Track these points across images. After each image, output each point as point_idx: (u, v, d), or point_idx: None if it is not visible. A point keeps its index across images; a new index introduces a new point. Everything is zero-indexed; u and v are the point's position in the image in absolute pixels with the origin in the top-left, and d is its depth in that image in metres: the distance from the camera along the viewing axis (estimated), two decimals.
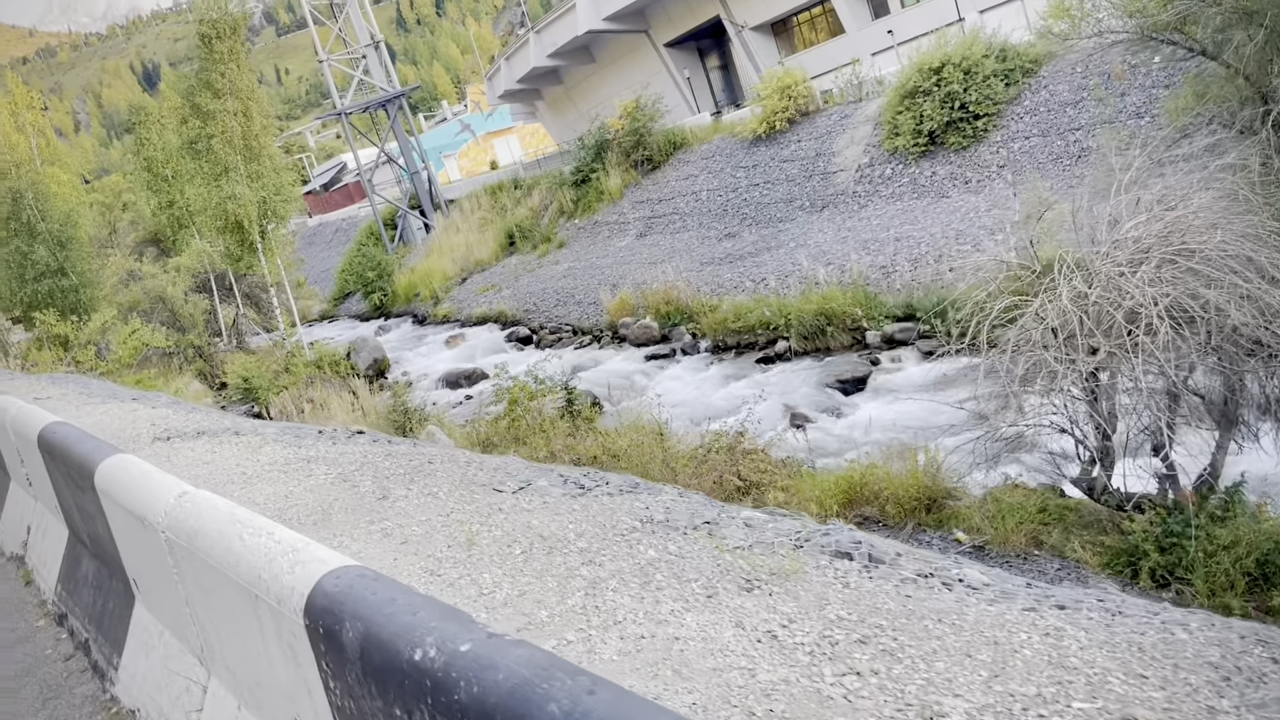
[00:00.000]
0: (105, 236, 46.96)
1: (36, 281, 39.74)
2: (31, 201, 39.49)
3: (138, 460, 3.70)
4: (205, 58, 27.15)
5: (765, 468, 11.22)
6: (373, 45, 43.69)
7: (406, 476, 6.13)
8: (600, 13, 41.25)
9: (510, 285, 32.31)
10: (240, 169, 27.60)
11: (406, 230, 45.19)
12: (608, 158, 33.98)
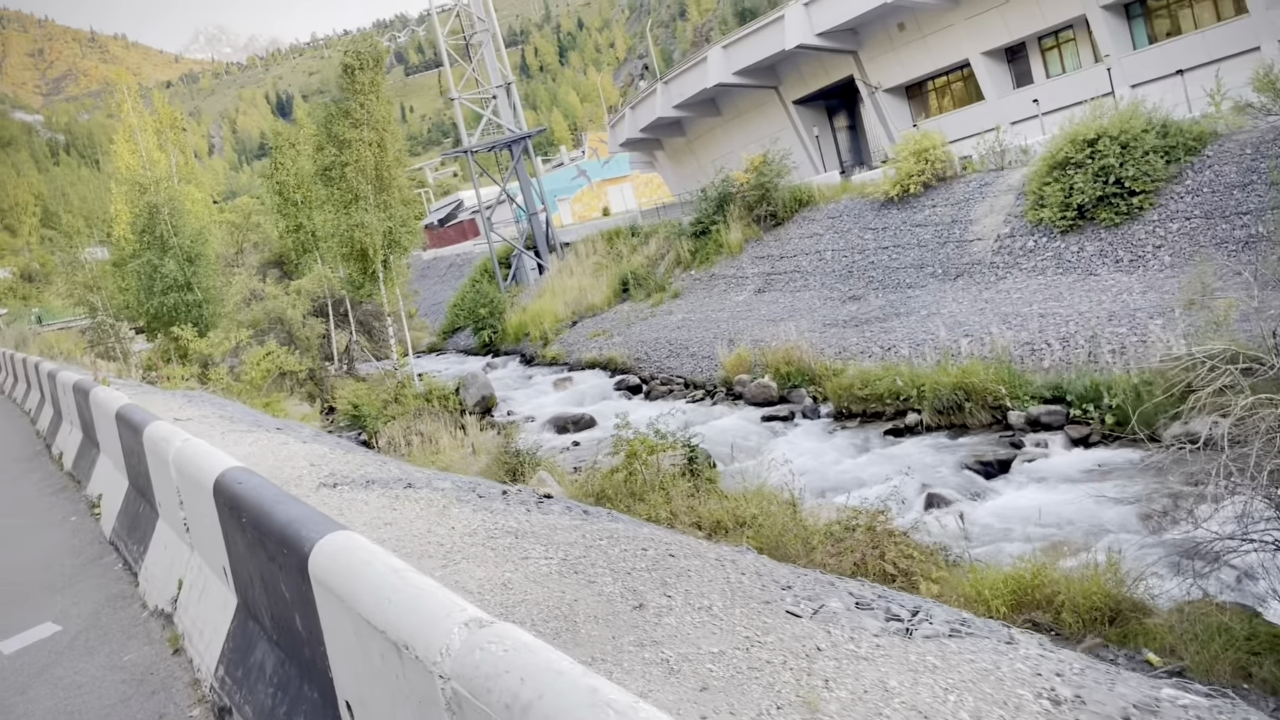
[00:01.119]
0: (232, 255, 48.50)
1: (163, 294, 40.98)
2: (166, 216, 40.90)
3: (381, 552, 2.64)
4: (346, 87, 27.69)
5: (911, 553, 10.31)
6: (504, 86, 44.37)
7: (653, 574, 5.25)
8: (731, 66, 41.18)
9: (622, 332, 31.94)
10: (370, 198, 27.94)
11: (520, 270, 45.47)
12: (729, 210, 33.56)
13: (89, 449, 8.76)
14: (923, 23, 35.81)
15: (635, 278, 35.73)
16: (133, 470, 6.41)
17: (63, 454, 10.03)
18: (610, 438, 20.63)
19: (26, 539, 7.50)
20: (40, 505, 8.54)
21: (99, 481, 7.93)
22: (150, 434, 5.52)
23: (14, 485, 9.63)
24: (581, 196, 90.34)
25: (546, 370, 32.94)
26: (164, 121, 56.46)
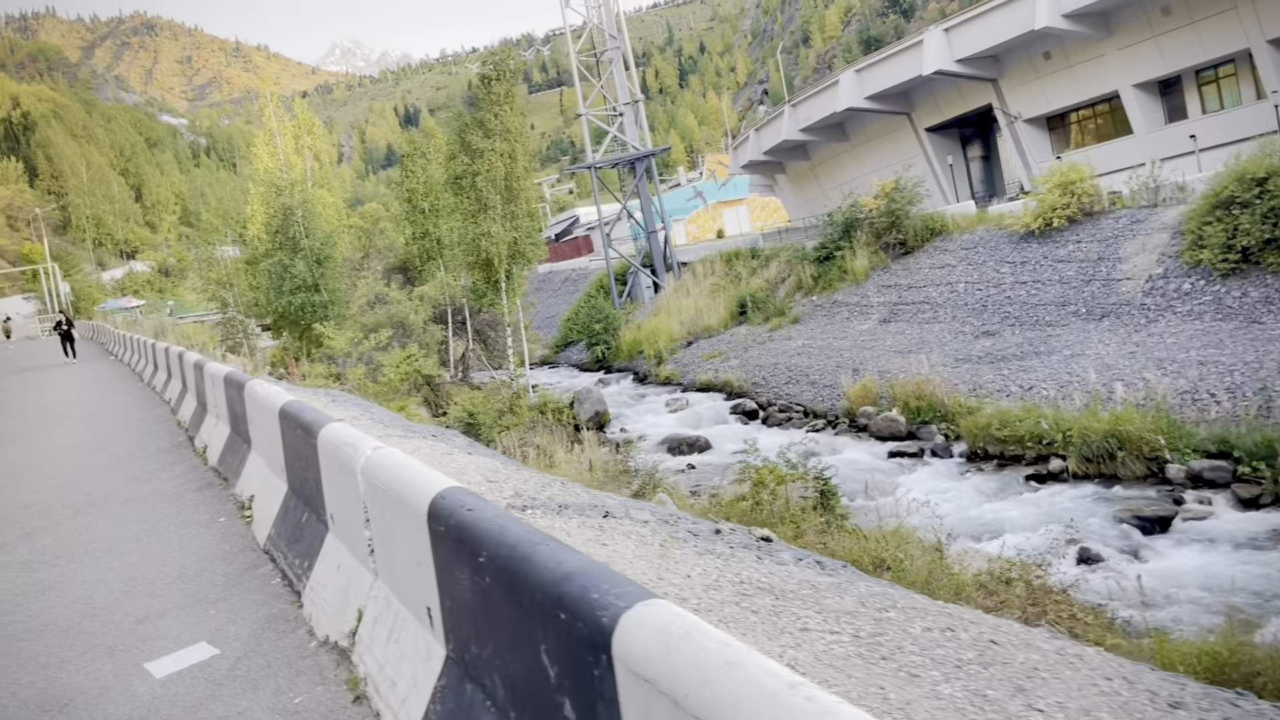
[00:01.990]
0: (358, 260, 49.69)
1: (292, 294, 42.14)
2: (300, 219, 42.11)
3: (716, 635, 1.86)
4: (483, 97, 27.94)
5: (1074, 614, 9.44)
6: (631, 104, 44.39)
7: (990, 671, 4.23)
8: (864, 91, 40.33)
9: (739, 355, 31.31)
10: (498, 208, 28.07)
11: (636, 287, 45.31)
12: (856, 237, 32.66)
13: (238, 445, 8.44)
14: (1070, 52, 34.37)
15: (754, 300, 35.08)
16: (296, 474, 5.94)
17: (207, 448, 9.79)
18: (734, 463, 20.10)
19: (173, 538, 7.03)
20: (186, 502, 8.13)
21: (250, 481, 7.56)
22: (329, 438, 4.92)
23: (157, 478, 9.28)
24: (696, 218, 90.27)
25: (660, 390, 32.54)
26: (302, 127, 58.50)
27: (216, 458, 9.14)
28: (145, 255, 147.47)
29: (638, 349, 37.73)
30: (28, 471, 10.62)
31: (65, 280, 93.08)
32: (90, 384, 22.21)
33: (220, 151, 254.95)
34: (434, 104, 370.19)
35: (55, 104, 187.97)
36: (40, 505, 8.69)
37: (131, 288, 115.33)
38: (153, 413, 14.01)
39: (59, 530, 7.67)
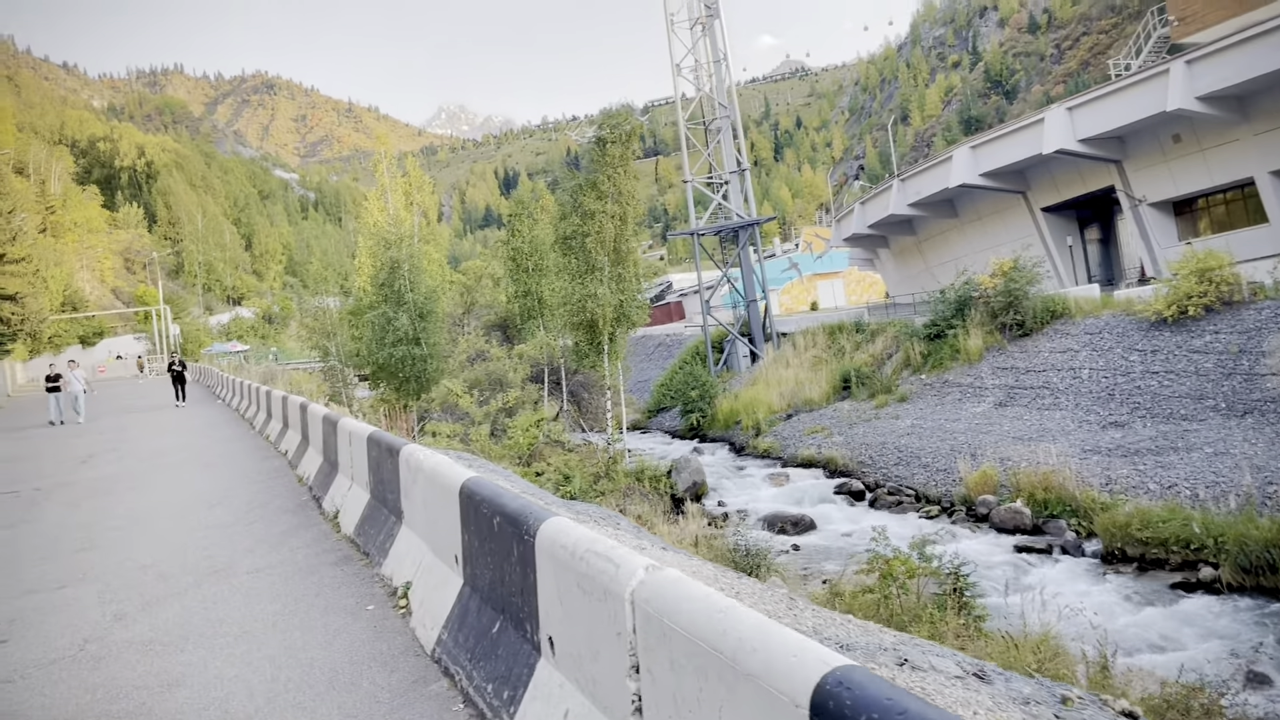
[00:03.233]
0: (458, 316, 50.24)
1: (393, 346, 42.53)
2: (406, 273, 42.65)
3: None
4: (597, 159, 27.93)
5: None
6: (738, 172, 44.21)
7: None
8: (978, 168, 39.40)
9: (843, 432, 30.27)
10: (605, 269, 27.86)
11: (733, 356, 44.65)
12: (969, 315, 31.56)
13: (381, 516, 7.59)
14: (1202, 135, 33.01)
15: (858, 376, 34.07)
16: (482, 570, 4.96)
17: (339, 513, 9.02)
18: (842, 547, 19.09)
19: (317, 628, 6.13)
20: (324, 579, 7.29)
21: (401, 563, 6.62)
22: (560, 540, 3.90)
23: (285, 543, 8.59)
24: (790, 289, 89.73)
25: (758, 462, 31.61)
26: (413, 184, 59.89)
27: (353, 527, 8.42)
28: (251, 302, 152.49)
29: (735, 419, 36.92)
30: (144, 525, 10.17)
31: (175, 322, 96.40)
32: (201, 429, 22.24)
33: (327, 206, 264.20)
34: (533, 168, 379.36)
35: (177, 155, 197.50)
36: (160, 567, 8.12)
37: (237, 333, 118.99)
38: (269, 464, 13.60)
39: (182, 601, 7.03)
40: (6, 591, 7.52)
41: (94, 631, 6.43)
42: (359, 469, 8.61)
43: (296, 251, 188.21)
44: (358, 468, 8.67)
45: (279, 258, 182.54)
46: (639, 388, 50.61)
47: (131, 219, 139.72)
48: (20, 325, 43.40)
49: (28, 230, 55.58)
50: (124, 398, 42.41)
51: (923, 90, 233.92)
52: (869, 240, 56.27)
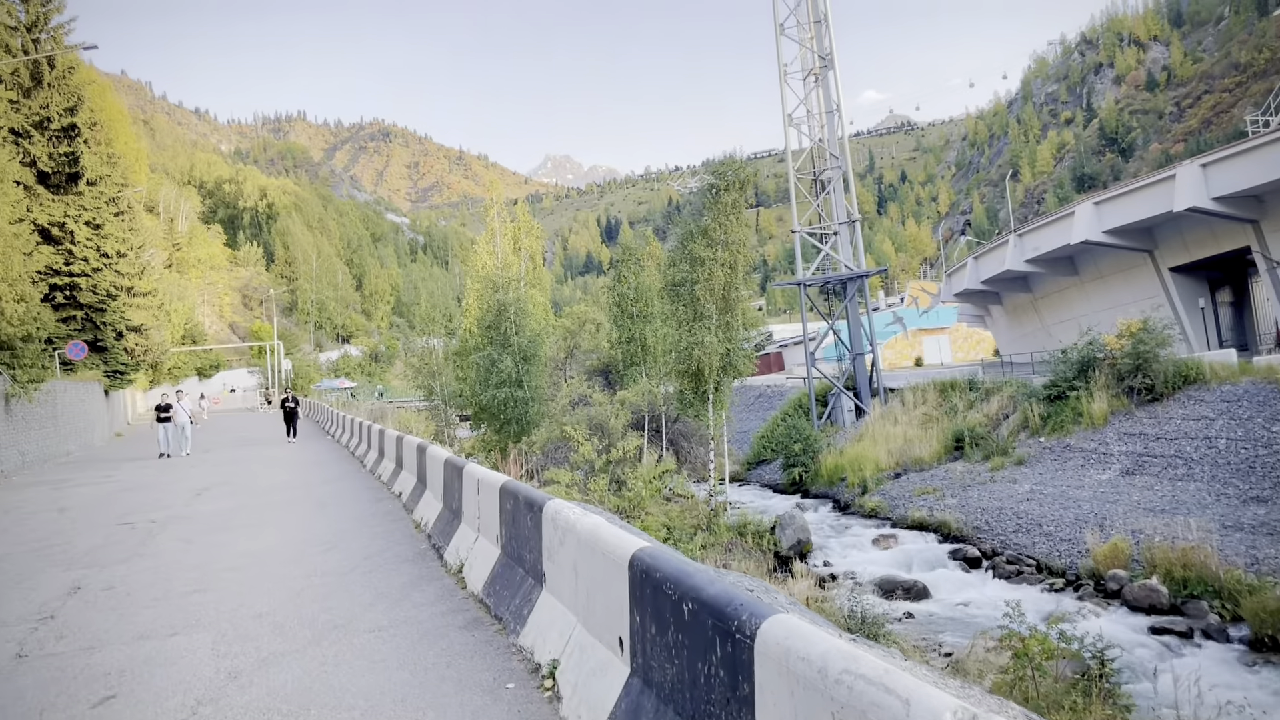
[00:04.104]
0: (561, 360, 50.42)
1: (497, 388, 42.83)
2: (512, 315, 43.04)
3: None
4: (709, 206, 27.68)
5: None
6: (848, 223, 43.53)
7: None
8: (1102, 225, 37.92)
9: (956, 494, 29.02)
10: (713, 317, 27.47)
11: (837, 410, 43.60)
12: (1093, 377, 30.09)
13: (516, 577, 6.92)
14: None
15: (972, 436, 32.75)
16: (666, 669, 4.17)
17: (464, 568, 8.38)
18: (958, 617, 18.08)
19: (452, 708, 5.48)
20: (453, 645, 6.56)
21: (545, 636, 5.86)
22: (818, 662, 2.93)
23: (407, 599, 7.96)
24: (894, 344, 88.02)
25: (864, 522, 30.51)
26: (521, 229, 60.92)
27: (481, 585, 7.78)
28: (359, 340, 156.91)
29: (839, 475, 35.86)
30: (258, 568, 9.87)
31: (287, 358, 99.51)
32: (312, 465, 22.41)
33: (435, 250, 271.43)
34: (634, 217, 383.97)
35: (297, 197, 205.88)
36: (275, 617, 7.71)
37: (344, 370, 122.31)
38: (382, 506, 13.40)
39: (301, 661, 6.49)
40: (119, 635, 7.24)
41: (207, 692, 6.07)
42: (488, 521, 8.06)
43: (404, 293, 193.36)
44: (486, 520, 8.12)
45: (387, 298, 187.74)
46: (738, 439, 49.85)
47: (251, 257, 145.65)
48: (143, 356, 45.10)
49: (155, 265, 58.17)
50: (236, 430, 43.59)
51: (1034, 146, 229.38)
52: (981, 296, 54.73)
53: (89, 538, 12.28)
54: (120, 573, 9.64)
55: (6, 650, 6.82)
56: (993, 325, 60.47)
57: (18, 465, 24.93)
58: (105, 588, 8.93)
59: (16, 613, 8.09)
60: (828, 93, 45.53)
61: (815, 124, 46.30)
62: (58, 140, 35.73)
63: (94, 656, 6.54)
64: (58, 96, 35.62)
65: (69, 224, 35.49)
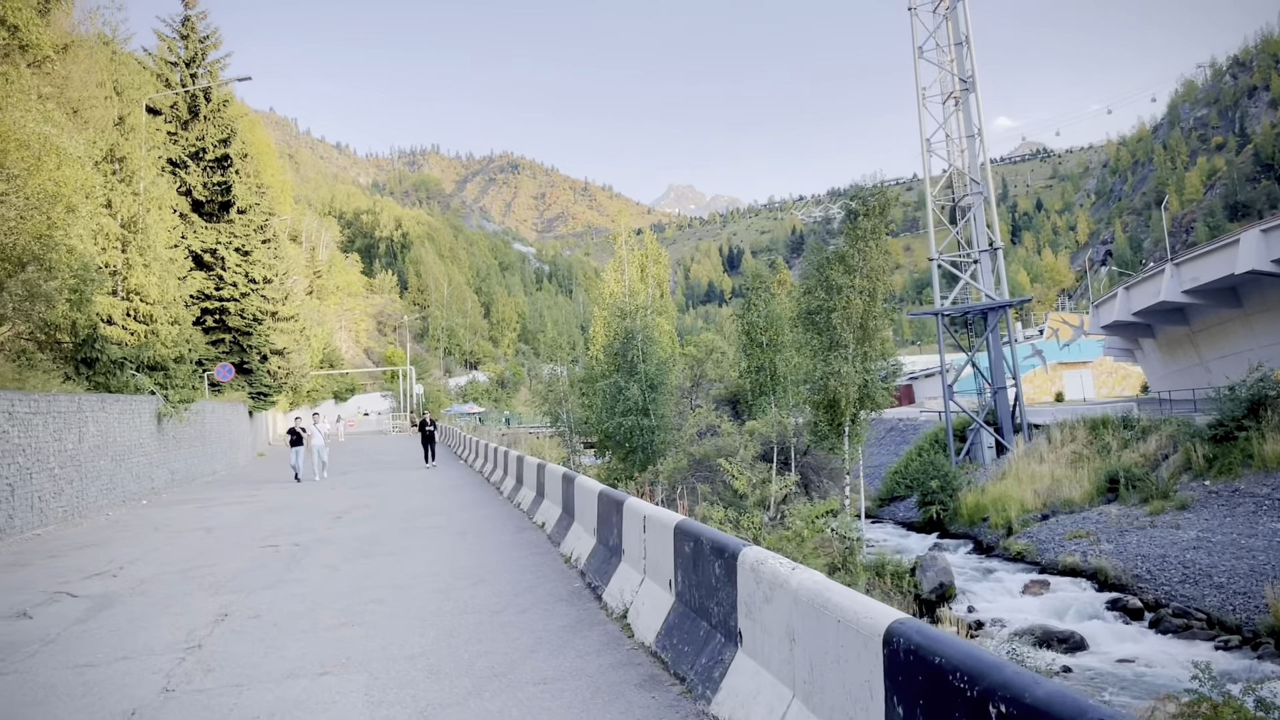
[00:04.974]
0: (687, 388, 50.00)
1: (623, 416, 42.60)
2: (639, 343, 42.84)
3: None
4: (848, 232, 26.90)
5: None
6: (989, 251, 41.85)
7: None
8: (1270, 254, 35.30)
9: (1112, 539, 27.15)
10: (850, 347, 26.57)
11: (976, 446, 41.73)
12: (1266, 417, 27.81)
13: (698, 630, 6.08)
14: None
15: (1128, 477, 30.68)
16: None
17: (629, 613, 7.64)
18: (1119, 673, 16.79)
19: None
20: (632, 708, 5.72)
21: (748, 709, 4.94)
22: None
23: (569, 645, 7.21)
24: (1033, 377, 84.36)
25: (1010, 566, 28.85)
26: (648, 257, 61.01)
27: (653, 636, 6.92)
28: (486, 366, 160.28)
29: (981, 515, 34.14)
30: (406, 600, 9.32)
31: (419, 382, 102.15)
32: (449, 490, 22.38)
33: (560, 278, 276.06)
34: (756, 246, 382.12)
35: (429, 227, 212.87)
36: (430, 659, 7.04)
37: (473, 395, 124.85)
38: (525, 536, 13.02)
39: (462, 716, 5.79)
40: (268, 671, 6.85)
41: None
42: (658, 563, 7.37)
43: (530, 320, 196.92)
44: (656, 561, 7.43)
45: (514, 326, 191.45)
46: (869, 474, 48.31)
47: (386, 285, 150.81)
48: (285, 378, 46.69)
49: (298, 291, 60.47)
50: (371, 453, 44.59)
51: (1182, 173, 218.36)
52: (1131, 329, 51.83)
53: (235, 560, 12.32)
54: (267, 599, 9.47)
55: (153, 684, 6.56)
56: (1143, 360, 57.21)
57: (167, 482, 25.85)
58: (252, 615, 8.73)
59: (164, 640, 7.91)
60: (968, 116, 44.07)
61: (954, 149, 44.86)
62: (211, 170, 37.44)
63: (242, 696, 6.19)
64: (212, 129, 37.38)
65: (220, 250, 37.07)
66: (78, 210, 15.22)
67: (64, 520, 17.95)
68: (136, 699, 6.18)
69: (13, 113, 12.75)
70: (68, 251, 15.86)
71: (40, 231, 14.59)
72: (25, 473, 16.35)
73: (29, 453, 16.50)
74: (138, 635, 8.14)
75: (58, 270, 15.43)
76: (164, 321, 25.70)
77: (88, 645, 7.87)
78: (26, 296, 14.51)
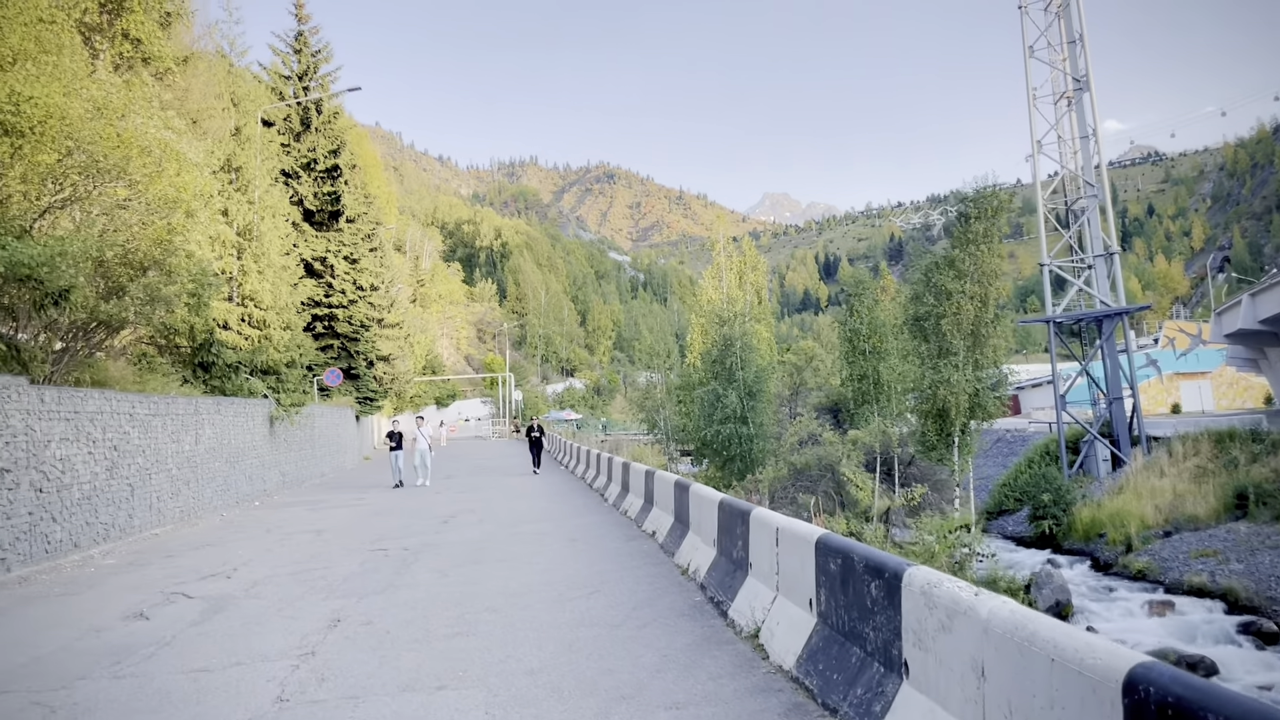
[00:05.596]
0: (786, 396, 49.26)
1: (721, 423, 42.15)
2: (738, 350, 42.37)
3: None
4: (959, 235, 26.02)
5: None
6: (1105, 255, 40.15)
7: None
8: None
9: (1243, 559, 25.59)
10: (961, 354, 25.65)
11: (1090, 459, 40.00)
12: None
13: (849, 656, 5.50)
14: None
15: (1259, 493, 28.94)
16: None
17: (761, 632, 7.08)
18: None
19: None
20: None
21: None
22: None
23: (696, 668, 6.62)
24: (1148, 388, 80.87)
25: (1130, 584, 27.46)
26: (747, 263, 60.48)
27: (792, 660, 6.32)
28: (582, 374, 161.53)
29: (1097, 530, 32.63)
30: (520, 610, 8.95)
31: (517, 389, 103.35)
32: (552, 496, 22.25)
33: (654, 287, 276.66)
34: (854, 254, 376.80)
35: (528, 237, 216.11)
36: (550, 676, 6.62)
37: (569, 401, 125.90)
38: (636, 545, 12.74)
39: None
40: (382, 683, 6.62)
41: None
42: (795, 580, 6.78)
43: (625, 328, 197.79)
44: (792, 578, 6.84)
45: (609, 333, 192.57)
46: (975, 485, 46.80)
47: (485, 293, 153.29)
48: (390, 384, 47.60)
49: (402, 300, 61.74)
50: (472, 457, 45.07)
51: None
52: (1256, 337, 49.06)
53: (345, 563, 12.34)
54: (378, 605, 9.37)
55: (268, 693, 6.45)
56: (1269, 370, 54.13)
57: (278, 484, 26.44)
58: (364, 622, 8.63)
59: (278, 646, 7.83)
60: (1081, 116, 42.44)
61: (1066, 150, 43.24)
62: (322, 180, 38.42)
63: (358, 709, 5.98)
64: (323, 140, 38.36)
65: (329, 258, 37.98)
66: (196, 216, 15.62)
67: (180, 520, 18.41)
68: (251, 709, 6.07)
69: (135, 119, 13.13)
70: (186, 256, 16.30)
71: (160, 237, 15.00)
72: (145, 473, 16.81)
73: (148, 454, 16.96)
74: (251, 640, 8.11)
75: (177, 274, 15.84)
76: (276, 327, 26.32)
77: (202, 649, 7.86)
78: (147, 300, 14.90)
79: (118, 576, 12.13)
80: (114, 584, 11.51)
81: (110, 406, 15.14)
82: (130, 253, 14.72)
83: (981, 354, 26.11)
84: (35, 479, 12.91)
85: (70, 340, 14.78)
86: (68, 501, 13.91)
